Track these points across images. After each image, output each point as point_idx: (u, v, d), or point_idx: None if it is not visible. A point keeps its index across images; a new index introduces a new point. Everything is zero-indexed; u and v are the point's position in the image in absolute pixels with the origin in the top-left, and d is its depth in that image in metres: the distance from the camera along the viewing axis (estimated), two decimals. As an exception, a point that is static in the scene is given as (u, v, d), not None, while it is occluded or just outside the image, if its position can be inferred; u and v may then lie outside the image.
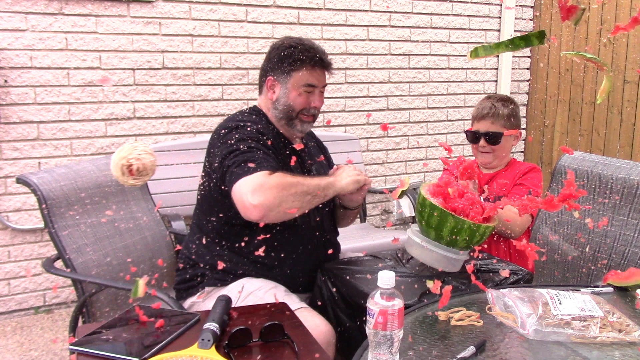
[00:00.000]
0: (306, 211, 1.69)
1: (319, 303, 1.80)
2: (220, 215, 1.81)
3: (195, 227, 1.93)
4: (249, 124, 1.78)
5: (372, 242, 2.99)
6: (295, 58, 1.82)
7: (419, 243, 1.68)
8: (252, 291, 1.74)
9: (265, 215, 1.59)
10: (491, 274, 1.72)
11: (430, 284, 1.31)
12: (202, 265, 1.86)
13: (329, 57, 1.90)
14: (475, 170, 1.93)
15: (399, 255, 1.90)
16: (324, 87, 1.91)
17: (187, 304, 1.88)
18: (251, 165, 1.63)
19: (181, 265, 1.92)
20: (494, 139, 2.22)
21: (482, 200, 1.74)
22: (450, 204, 1.64)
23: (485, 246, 2.18)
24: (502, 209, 1.77)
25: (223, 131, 1.78)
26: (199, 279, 1.87)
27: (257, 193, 1.58)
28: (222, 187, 1.73)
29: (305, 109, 1.87)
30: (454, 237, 1.62)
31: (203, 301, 1.84)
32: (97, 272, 1.99)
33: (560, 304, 1.32)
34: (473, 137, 2.27)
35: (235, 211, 1.67)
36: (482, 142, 2.24)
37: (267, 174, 1.62)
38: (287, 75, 1.84)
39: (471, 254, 1.71)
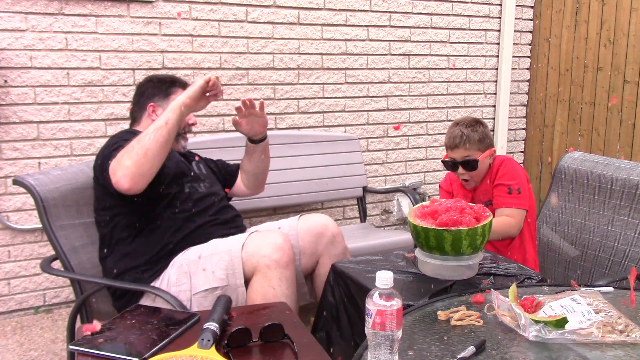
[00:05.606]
0: (168, 148, 1.81)
1: (331, 299, 1.81)
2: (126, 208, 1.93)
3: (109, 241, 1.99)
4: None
5: (373, 242, 2.99)
6: (169, 82, 2.11)
7: (431, 262, 1.69)
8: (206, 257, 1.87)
9: (132, 179, 1.73)
10: (506, 278, 1.73)
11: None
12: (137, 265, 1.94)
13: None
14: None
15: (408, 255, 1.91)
16: None
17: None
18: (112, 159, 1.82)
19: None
20: (470, 165, 2.24)
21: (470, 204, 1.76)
22: (440, 219, 1.65)
23: None
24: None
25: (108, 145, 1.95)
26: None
27: (115, 173, 1.76)
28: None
29: (184, 127, 2.12)
30: (457, 248, 1.63)
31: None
32: (93, 272, 2.01)
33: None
34: (450, 165, 2.30)
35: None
36: (460, 169, 2.27)
37: (114, 158, 1.80)
38: (165, 98, 2.06)
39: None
